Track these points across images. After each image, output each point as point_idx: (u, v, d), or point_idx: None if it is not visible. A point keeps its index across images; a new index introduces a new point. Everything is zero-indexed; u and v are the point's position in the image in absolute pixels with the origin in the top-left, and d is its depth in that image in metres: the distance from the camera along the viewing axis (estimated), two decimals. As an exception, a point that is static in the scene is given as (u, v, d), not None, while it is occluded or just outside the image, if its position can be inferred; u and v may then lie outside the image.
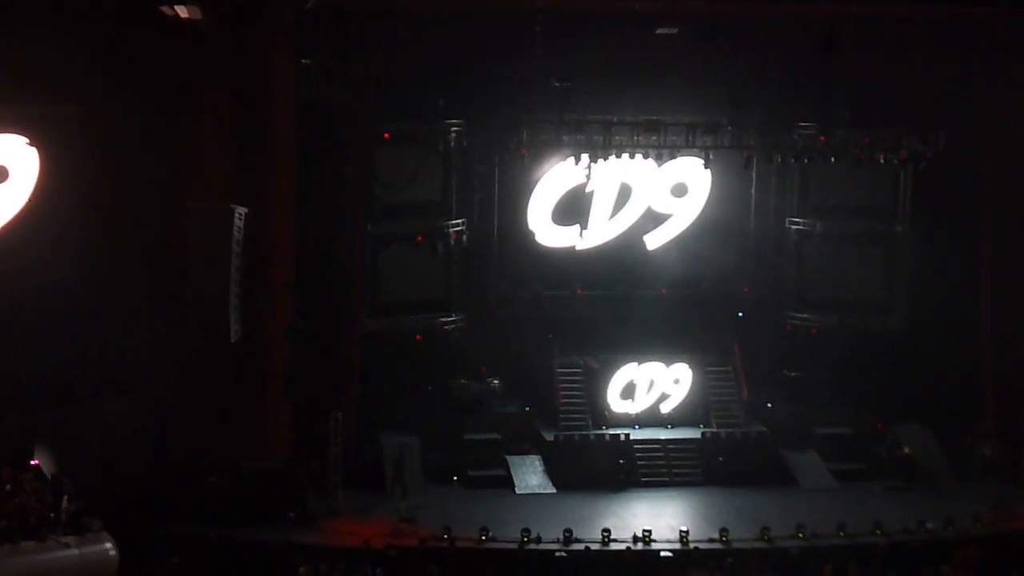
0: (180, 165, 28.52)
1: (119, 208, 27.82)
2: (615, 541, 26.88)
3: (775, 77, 32.92)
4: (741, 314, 35.60)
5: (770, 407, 34.21)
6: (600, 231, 34.71)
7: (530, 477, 31.63)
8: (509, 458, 32.14)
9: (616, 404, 33.64)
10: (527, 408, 34.07)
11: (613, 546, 26.77)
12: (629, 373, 33.68)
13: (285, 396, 29.48)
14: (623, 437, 32.51)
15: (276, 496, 27.75)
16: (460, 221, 33.90)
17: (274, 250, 29.51)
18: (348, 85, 30.51)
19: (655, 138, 32.60)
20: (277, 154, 29.51)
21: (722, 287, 35.56)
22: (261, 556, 25.58)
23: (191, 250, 27.64)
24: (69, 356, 26.90)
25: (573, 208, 34.31)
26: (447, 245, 33.71)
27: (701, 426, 33.47)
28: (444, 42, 30.98)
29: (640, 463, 32.08)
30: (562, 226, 34.64)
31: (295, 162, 29.87)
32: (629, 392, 33.69)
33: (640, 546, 26.81)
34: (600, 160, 32.67)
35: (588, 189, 34.04)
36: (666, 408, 33.81)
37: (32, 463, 25.03)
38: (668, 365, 33.80)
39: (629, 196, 34.61)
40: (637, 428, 33.22)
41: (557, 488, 31.29)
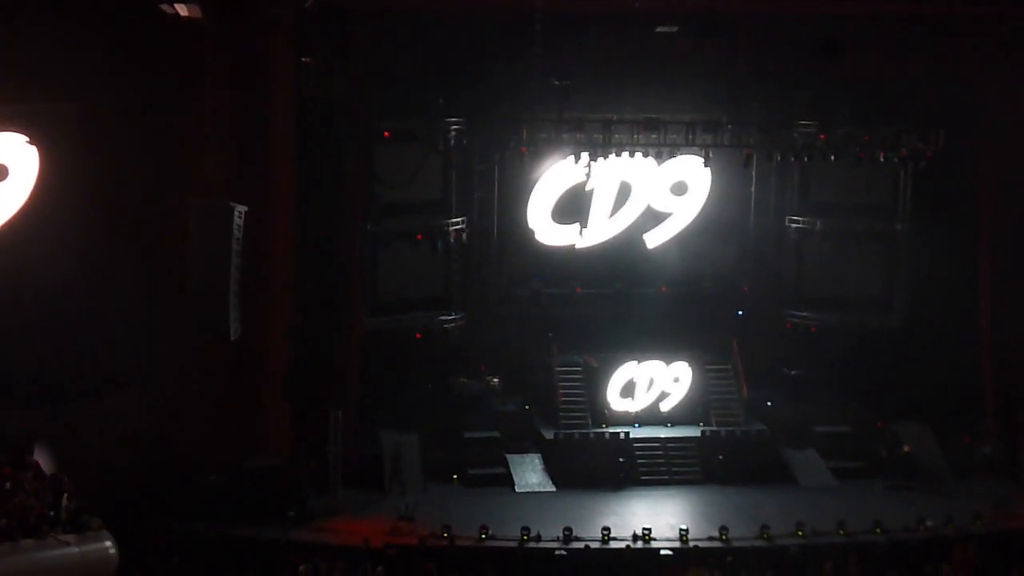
0: (180, 163, 28.48)
1: (119, 206, 27.83)
2: (615, 539, 26.89)
3: (775, 75, 32.92)
4: (741, 312, 35.63)
5: (770, 405, 34.23)
6: (600, 229, 34.72)
7: (530, 475, 31.63)
8: (509, 456, 32.15)
9: (616, 402, 33.64)
10: (527, 406, 34.06)
11: (613, 544, 26.78)
12: (629, 371, 33.68)
13: (285, 395, 29.49)
14: (623, 435, 32.51)
15: (276, 495, 27.74)
16: (460, 219, 33.92)
17: (274, 248, 29.52)
18: (348, 83, 30.45)
19: (655, 136, 32.57)
20: (277, 152, 29.52)
21: (722, 285, 35.59)
22: (261, 554, 25.57)
23: (191, 248, 27.61)
24: (69, 354, 26.94)
25: (573, 206, 34.31)
26: (447, 243, 33.76)
27: (701, 424, 33.46)
28: (444, 40, 30.96)
29: (640, 461, 32.08)
30: (562, 224, 34.65)
31: (295, 160, 29.86)
32: (629, 390, 33.69)
33: (640, 544, 26.81)
34: (600, 158, 32.59)
35: (588, 187, 34.05)
36: (666, 406, 33.81)
37: (32, 460, 25.04)
38: (668, 363, 33.80)
39: (629, 194, 34.63)
40: (637, 426, 33.22)
41: (557, 486, 31.28)
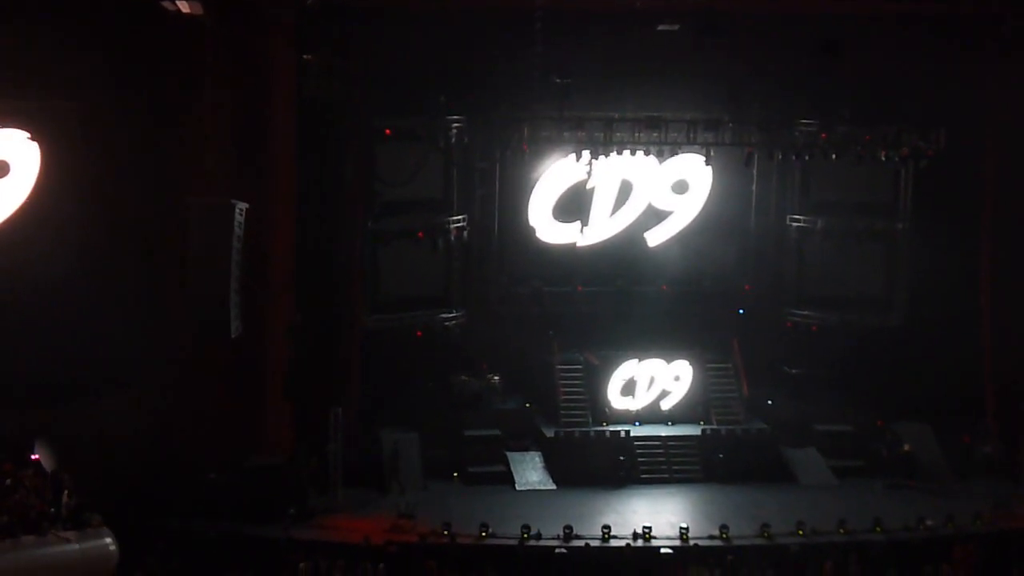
0: (181, 161, 28.46)
1: (119, 204, 27.84)
2: (615, 538, 26.85)
3: (776, 74, 32.89)
4: (742, 311, 35.58)
5: (770, 404, 34.21)
6: (601, 228, 34.71)
7: (530, 473, 31.64)
8: (509, 454, 32.15)
9: (616, 401, 33.64)
10: (527, 404, 34.07)
11: (613, 543, 26.74)
12: (630, 370, 33.68)
13: (285, 394, 29.48)
14: (623, 434, 32.52)
15: (276, 493, 27.73)
16: (461, 217, 33.93)
17: (274, 246, 29.51)
18: (349, 81, 30.47)
19: (656, 135, 32.54)
20: (277, 150, 29.53)
21: (723, 284, 35.55)
22: (261, 552, 25.55)
23: (192, 246, 27.53)
24: (69, 352, 26.92)
25: (574, 205, 34.30)
26: (448, 241, 33.75)
27: (701, 423, 33.45)
28: (445, 38, 30.96)
29: (640, 460, 32.08)
30: (563, 223, 34.64)
31: (295, 159, 29.85)
32: (629, 389, 33.69)
33: (640, 543, 26.77)
34: (601, 157, 32.59)
35: (589, 186, 34.04)
36: (666, 405, 33.81)
37: (32, 458, 25.06)
38: (669, 362, 33.81)
39: (630, 193, 34.62)
40: (637, 425, 33.23)
41: (557, 484, 31.29)
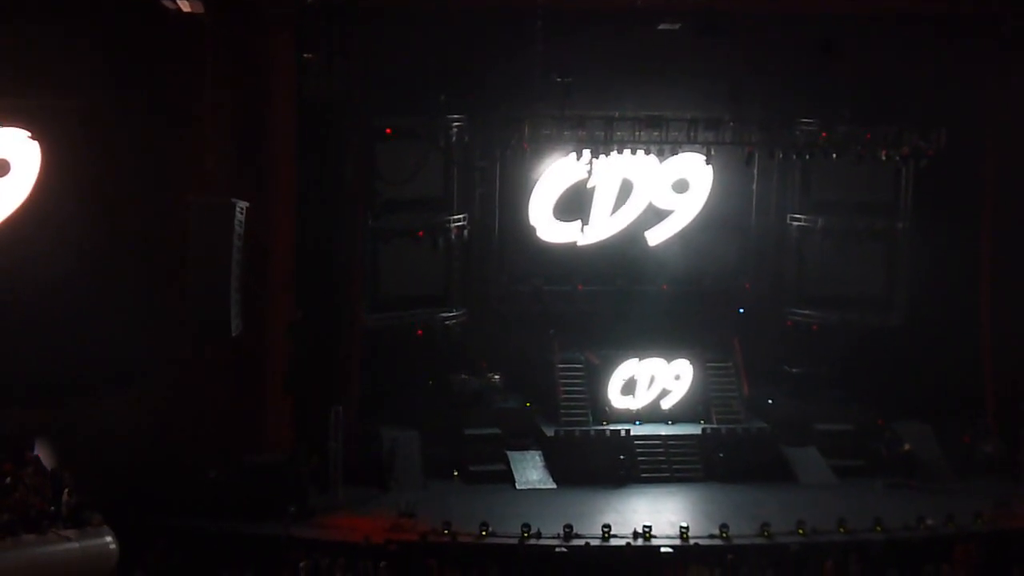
0: (181, 160, 28.45)
1: (120, 203, 27.88)
2: (615, 537, 26.84)
3: (776, 73, 32.88)
4: (742, 310, 35.59)
5: (771, 403, 34.19)
6: (601, 227, 34.69)
7: (530, 472, 31.62)
8: (509, 453, 32.14)
9: (617, 400, 33.63)
10: (528, 403, 34.04)
11: (613, 542, 26.73)
12: (630, 369, 33.67)
13: (285, 390, 29.47)
14: (624, 433, 32.51)
15: (276, 491, 27.69)
16: (461, 216, 33.92)
17: (275, 245, 29.49)
18: (349, 81, 30.42)
19: (656, 134, 32.51)
20: (277, 149, 29.49)
21: (723, 283, 35.55)
22: (261, 551, 25.53)
23: (192, 245, 27.49)
24: (70, 351, 26.96)
25: (574, 204, 34.28)
26: (448, 240, 33.74)
27: (702, 422, 33.43)
28: (445, 37, 30.94)
29: (640, 459, 32.07)
30: (563, 222, 34.63)
31: (295, 157, 29.83)
32: (630, 388, 33.68)
33: (640, 542, 26.76)
34: (601, 155, 32.54)
35: (589, 185, 34.02)
36: (667, 404, 33.80)
37: (33, 456, 25.06)
38: (669, 361, 33.78)
39: (630, 192, 34.60)
40: (638, 424, 33.22)
41: (557, 483, 31.28)
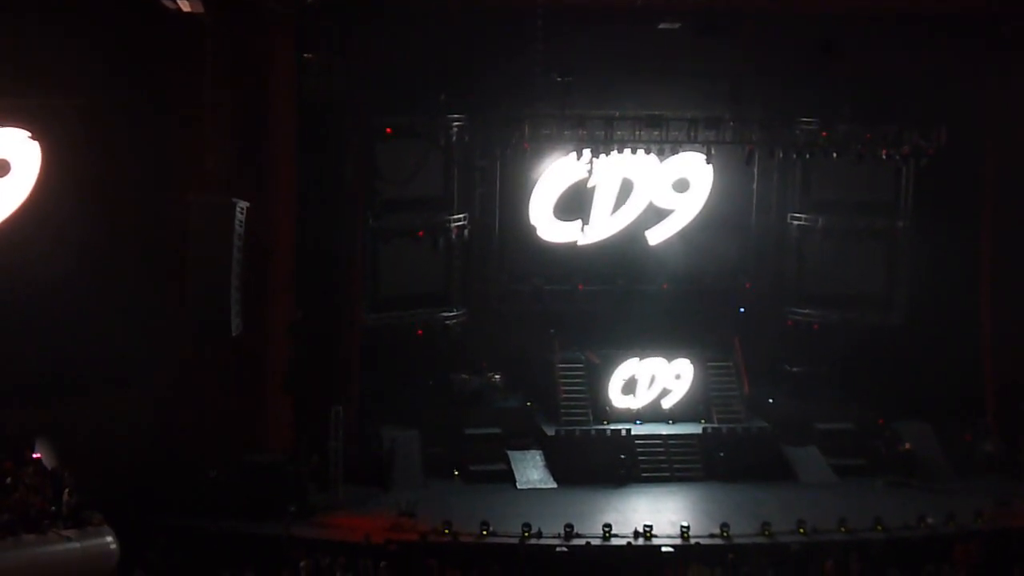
0: (181, 160, 28.45)
1: (120, 203, 27.85)
2: (616, 536, 26.83)
3: (777, 72, 32.91)
4: (743, 309, 35.59)
5: (771, 402, 34.21)
6: (602, 226, 34.69)
7: (531, 472, 31.62)
8: (510, 453, 32.14)
9: (617, 399, 33.62)
10: (528, 403, 34.09)
11: (614, 541, 26.73)
12: (630, 368, 33.65)
13: (285, 390, 29.47)
14: (624, 432, 32.50)
15: (277, 490, 27.69)
16: (461, 216, 33.91)
17: (275, 244, 29.48)
18: (349, 80, 30.41)
19: (657, 133, 32.51)
20: (277, 149, 29.49)
21: (724, 282, 35.56)
22: (262, 550, 25.52)
23: (192, 243, 27.53)
24: (70, 350, 26.95)
25: (575, 203, 34.28)
26: (448, 240, 33.74)
27: (702, 421, 33.41)
28: (445, 37, 30.93)
29: (641, 458, 32.05)
30: (564, 221, 34.63)
31: (295, 157, 29.83)
32: (630, 387, 33.66)
33: (641, 541, 26.75)
34: (602, 155, 32.56)
35: (590, 184, 34.04)
36: (667, 403, 33.78)
37: (33, 456, 25.06)
38: (669, 360, 33.77)
39: (631, 191, 34.60)
40: (638, 423, 33.21)
41: (558, 483, 31.28)
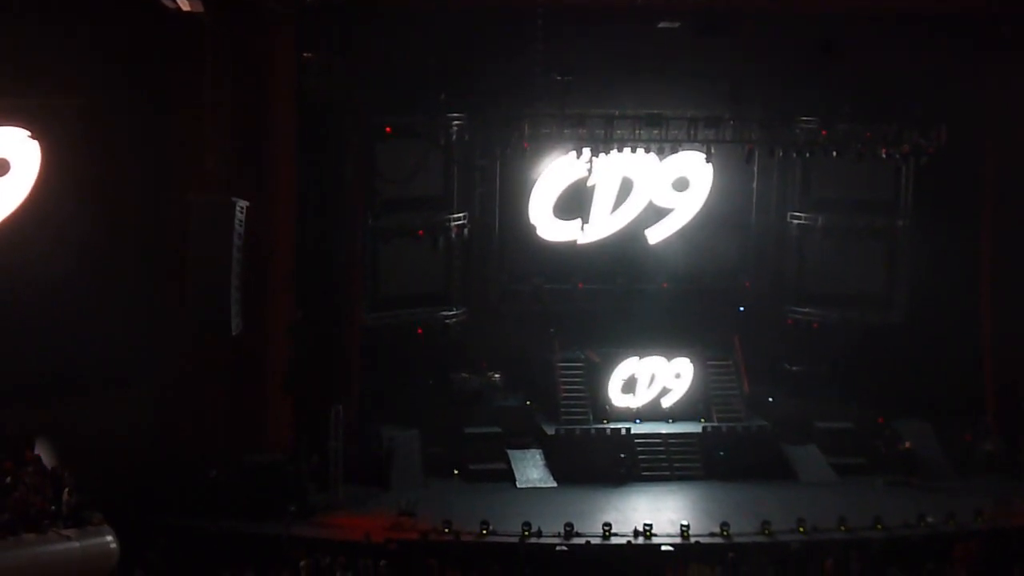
0: (181, 159, 28.45)
1: (120, 202, 27.83)
2: (616, 535, 26.83)
3: (776, 71, 32.93)
4: (742, 308, 35.59)
5: (771, 401, 34.20)
6: (601, 225, 34.70)
7: (531, 471, 31.62)
8: (510, 452, 32.14)
9: (617, 398, 33.62)
10: (528, 402, 34.08)
11: (614, 540, 26.73)
12: (630, 367, 33.66)
13: (285, 390, 29.47)
14: (624, 431, 32.49)
15: (277, 490, 27.70)
16: (461, 215, 33.91)
17: (275, 244, 29.48)
18: (349, 80, 30.42)
19: (656, 132, 32.51)
20: (277, 149, 29.48)
21: (723, 281, 35.57)
22: (262, 550, 25.50)
23: (192, 243, 27.52)
24: (70, 350, 26.92)
25: (574, 202, 34.30)
26: (448, 239, 33.75)
27: (702, 420, 33.42)
28: (445, 36, 30.96)
29: (641, 457, 32.06)
30: (563, 220, 34.64)
31: (295, 156, 29.82)
32: (630, 386, 33.67)
33: (641, 540, 26.75)
34: (601, 154, 32.59)
35: (589, 183, 34.05)
36: (667, 402, 33.80)
37: (33, 456, 25.04)
38: (669, 359, 33.77)
39: (630, 190, 34.61)
40: (638, 422, 33.21)
41: (558, 482, 31.28)
